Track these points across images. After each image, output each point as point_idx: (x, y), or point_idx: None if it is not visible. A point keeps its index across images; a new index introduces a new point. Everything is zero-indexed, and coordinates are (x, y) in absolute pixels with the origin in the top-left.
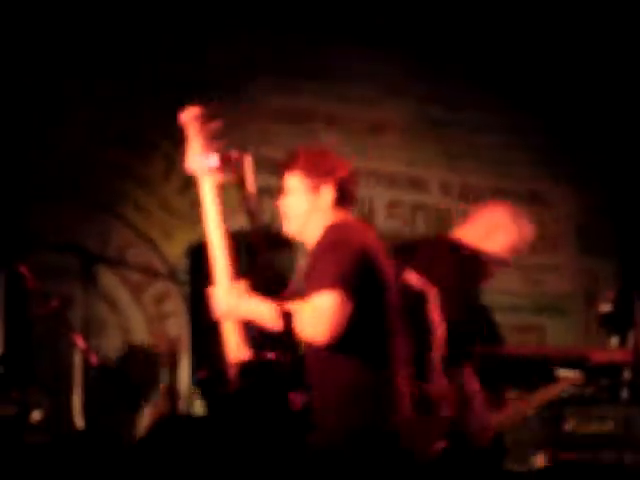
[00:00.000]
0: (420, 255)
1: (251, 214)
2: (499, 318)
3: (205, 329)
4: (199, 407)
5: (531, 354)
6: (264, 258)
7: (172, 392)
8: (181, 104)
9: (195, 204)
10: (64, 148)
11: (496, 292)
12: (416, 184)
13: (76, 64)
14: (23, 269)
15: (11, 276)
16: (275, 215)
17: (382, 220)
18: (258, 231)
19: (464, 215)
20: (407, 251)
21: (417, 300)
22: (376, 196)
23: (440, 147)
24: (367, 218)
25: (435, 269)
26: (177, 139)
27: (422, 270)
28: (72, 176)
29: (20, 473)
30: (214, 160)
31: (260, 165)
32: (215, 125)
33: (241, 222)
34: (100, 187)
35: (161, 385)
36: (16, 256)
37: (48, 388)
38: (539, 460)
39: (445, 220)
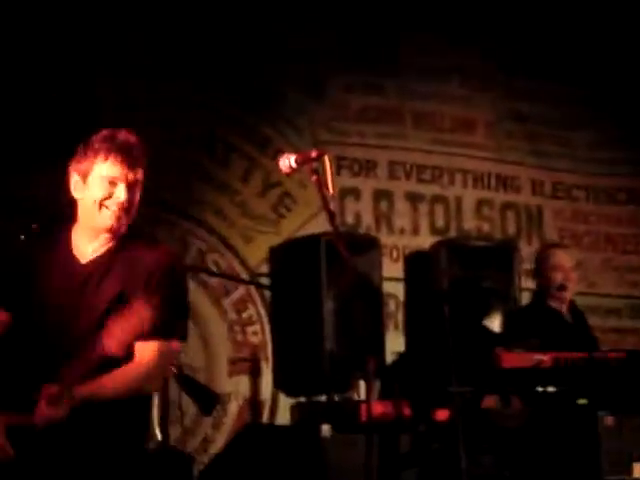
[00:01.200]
0: None
1: (331, 215)
2: (592, 320)
3: (288, 335)
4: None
5: (627, 359)
6: (346, 261)
7: (254, 401)
8: (260, 103)
9: (275, 207)
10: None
11: (589, 294)
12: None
13: (152, 65)
14: None
15: None
16: (360, 217)
17: (470, 220)
18: (338, 233)
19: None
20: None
21: None
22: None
23: (530, 144)
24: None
25: None
26: (257, 140)
27: None
28: (150, 179)
29: None
30: (292, 159)
31: (343, 166)
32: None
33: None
34: (178, 191)
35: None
36: None
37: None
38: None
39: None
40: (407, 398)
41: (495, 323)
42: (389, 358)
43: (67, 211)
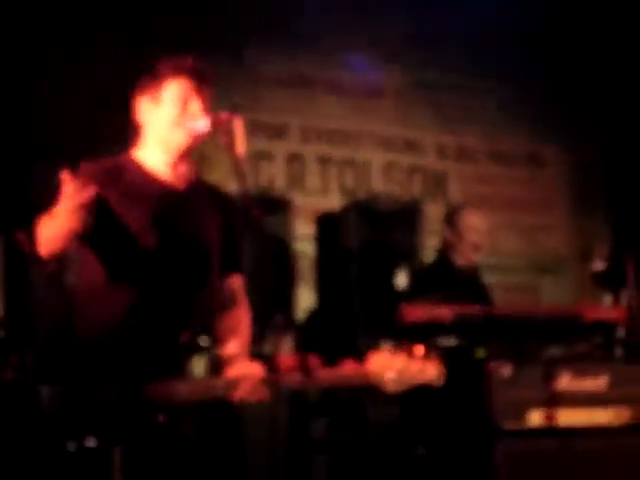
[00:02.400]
0: None
1: (241, 177)
2: (494, 278)
3: None
4: None
5: (525, 314)
6: (257, 222)
7: None
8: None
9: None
10: (70, 113)
11: (492, 253)
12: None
13: None
14: (21, 235)
15: (10, 242)
16: (271, 179)
17: (379, 182)
18: (248, 195)
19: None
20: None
21: None
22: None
23: (435, 110)
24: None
25: None
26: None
27: None
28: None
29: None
30: (204, 122)
31: (256, 129)
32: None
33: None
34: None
35: None
36: (16, 221)
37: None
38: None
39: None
40: (318, 351)
41: (401, 280)
42: (301, 314)
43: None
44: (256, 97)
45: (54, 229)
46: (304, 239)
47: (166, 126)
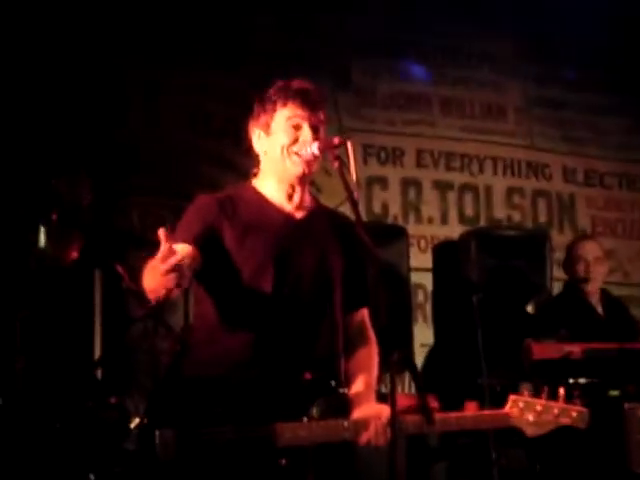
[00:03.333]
0: None
1: (353, 204)
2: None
3: None
4: None
5: None
6: (370, 252)
7: None
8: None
9: None
10: (166, 135)
11: (622, 284)
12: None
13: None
14: (120, 268)
15: (108, 276)
16: (385, 206)
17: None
18: (362, 222)
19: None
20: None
21: None
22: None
23: (562, 130)
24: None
25: None
26: None
27: None
28: (176, 169)
29: None
30: (314, 147)
31: (369, 153)
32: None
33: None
34: (203, 180)
35: None
36: (113, 255)
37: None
38: None
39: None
40: (436, 391)
41: (526, 314)
42: (418, 350)
43: None
44: (368, 119)
45: (155, 281)
46: (421, 270)
47: (278, 156)
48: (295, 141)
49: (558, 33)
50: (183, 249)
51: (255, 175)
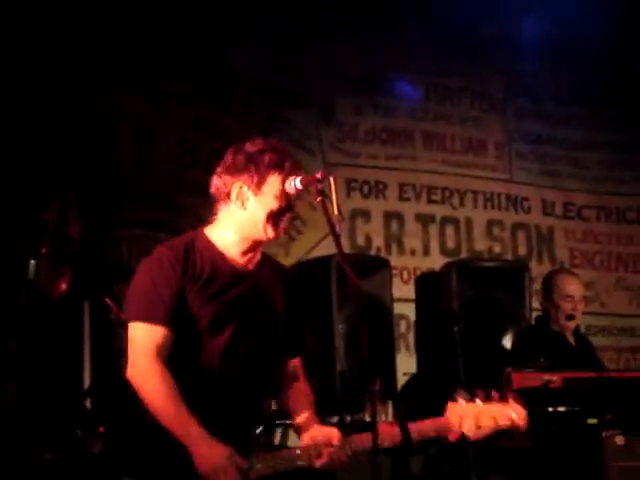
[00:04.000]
0: None
1: (336, 237)
2: (605, 340)
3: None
4: None
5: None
6: (353, 284)
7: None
8: (269, 126)
9: (286, 229)
10: (154, 167)
11: (601, 314)
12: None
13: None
14: (108, 300)
15: (96, 308)
16: (368, 238)
17: (481, 240)
18: (344, 255)
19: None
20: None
21: None
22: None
23: (541, 165)
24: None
25: None
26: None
27: None
28: (163, 202)
29: None
30: (297, 181)
31: (352, 187)
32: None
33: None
34: (193, 213)
35: None
36: (101, 287)
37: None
38: None
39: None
40: (418, 419)
41: (505, 343)
42: (401, 379)
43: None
44: (351, 154)
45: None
46: (403, 300)
47: (260, 218)
48: (284, 210)
49: (538, 69)
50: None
51: (210, 222)
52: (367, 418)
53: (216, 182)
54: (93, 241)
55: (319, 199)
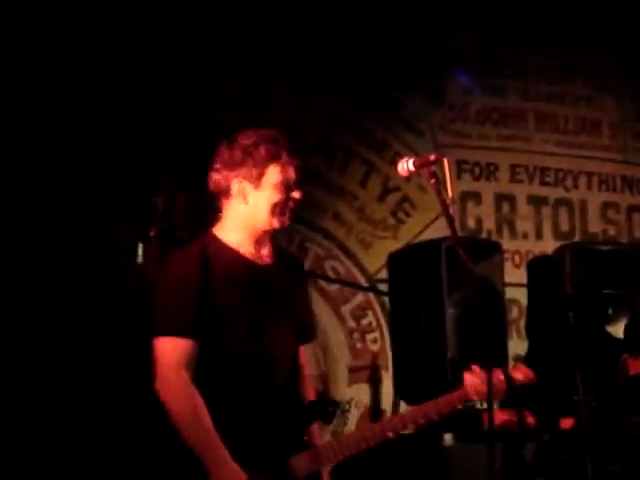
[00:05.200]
0: None
1: (449, 220)
2: None
3: (408, 343)
4: None
5: None
6: (467, 267)
7: (375, 409)
8: (379, 107)
9: (394, 211)
10: None
11: None
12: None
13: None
14: None
15: None
16: (480, 221)
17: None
18: (458, 238)
19: None
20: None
21: None
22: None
23: None
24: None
25: None
26: (376, 145)
27: None
28: None
29: None
30: (410, 163)
31: (463, 169)
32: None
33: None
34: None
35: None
36: None
37: None
38: None
39: None
40: (531, 406)
41: (620, 329)
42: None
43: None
44: (462, 135)
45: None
46: (515, 285)
47: (264, 211)
48: (288, 199)
49: None
50: None
51: (216, 220)
52: (478, 405)
53: (215, 178)
54: (199, 225)
55: (432, 181)
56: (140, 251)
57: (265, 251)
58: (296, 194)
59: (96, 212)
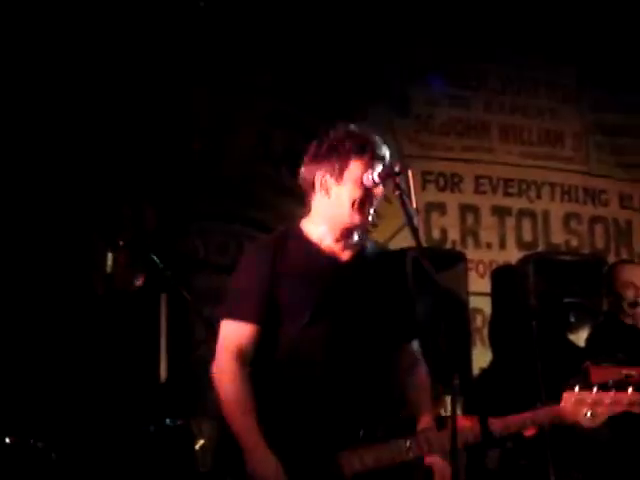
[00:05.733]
0: None
1: (414, 230)
2: None
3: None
4: None
5: None
6: (430, 277)
7: None
8: (343, 118)
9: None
10: (228, 164)
11: None
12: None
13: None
14: (185, 292)
15: (173, 299)
16: (445, 231)
17: (558, 234)
18: (422, 248)
19: None
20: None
21: None
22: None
23: (618, 157)
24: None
25: None
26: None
27: None
28: (237, 194)
29: None
30: (375, 174)
31: (428, 180)
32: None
33: (408, 239)
34: (264, 207)
35: None
36: (178, 279)
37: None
38: None
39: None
40: (495, 414)
41: (582, 337)
42: (476, 373)
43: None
44: (427, 146)
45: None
46: (479, 294)
47: (345, 206)
48: (368, 196)
49: (615, 59)
50: None
51: (304, 215)
52: (442, 412)
53: (302, 173)
54: (168, 234)
55: (397, 193)
56: (109, 260)
57: (347, 246)
58: (378, 191)
59: (65, 221)
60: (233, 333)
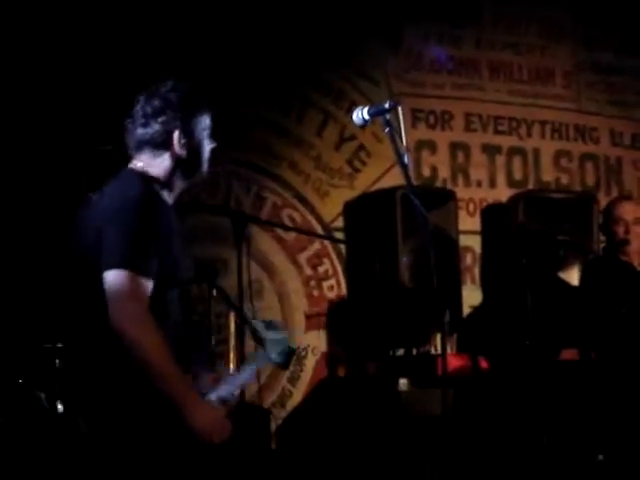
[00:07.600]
0: None
1: (404, 168)
2: None
3: (363, 290)
4: None
5: None
6: (422, 214)
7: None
8: (335, 56)
9: (351, 160)
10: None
11: None
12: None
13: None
14: None
15: None
16: (436, 169)
17: (548, 171)
18: (413, 186)
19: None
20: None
21: None
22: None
23: (609, 94)
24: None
25: None
26: (333, 94)
27: None
28: (225, 136)
29: None
30: (364, 112)
31: (418, 118)
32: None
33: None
34: (254, 147)
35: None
36: None
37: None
38: None
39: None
40: (485, 352)
41: (572, 276)
42: (466, 311)
43: None
44: (417, 84)
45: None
46: (469, 232)
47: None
48: None
49: None
50: None
51: None
52: (433, 351)
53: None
54: None
55: (387, 130)
56: None
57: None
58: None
59: (45, 208)
60: (143, 286)
